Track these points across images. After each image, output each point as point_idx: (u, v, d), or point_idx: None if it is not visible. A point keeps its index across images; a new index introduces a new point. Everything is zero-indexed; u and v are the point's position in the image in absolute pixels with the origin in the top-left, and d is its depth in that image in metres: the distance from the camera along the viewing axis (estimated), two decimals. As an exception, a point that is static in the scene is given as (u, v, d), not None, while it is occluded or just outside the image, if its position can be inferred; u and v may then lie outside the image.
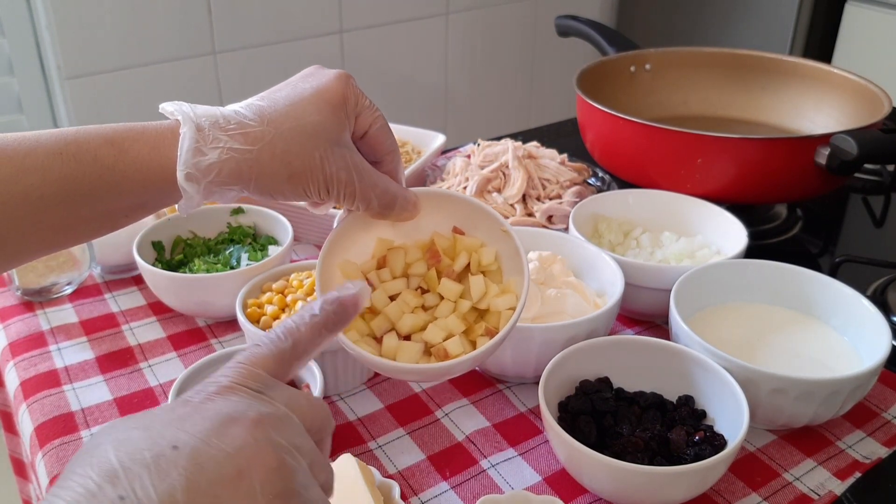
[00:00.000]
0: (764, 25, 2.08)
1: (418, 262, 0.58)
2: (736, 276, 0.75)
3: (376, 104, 0.55)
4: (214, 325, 0.81)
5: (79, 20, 1.53)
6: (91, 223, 0.48)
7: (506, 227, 0.57)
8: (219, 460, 0.33)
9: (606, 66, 1.12)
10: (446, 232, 0.60)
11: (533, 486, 0.61)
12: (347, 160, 0.50)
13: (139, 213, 0.50)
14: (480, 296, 0.57)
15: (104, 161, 0.46)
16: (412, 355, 0.54)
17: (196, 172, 0.47)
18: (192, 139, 0.47)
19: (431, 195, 0.59)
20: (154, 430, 0.34)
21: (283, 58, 1.83)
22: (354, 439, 0.66)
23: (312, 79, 0.52)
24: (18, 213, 0.45)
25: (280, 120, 0.48)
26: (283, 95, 0.50)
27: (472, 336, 0.56)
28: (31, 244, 0.47)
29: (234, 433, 0.34)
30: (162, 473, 0.32)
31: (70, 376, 0.74)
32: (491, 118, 2.28)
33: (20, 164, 0.45)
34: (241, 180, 0.48)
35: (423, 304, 0.57)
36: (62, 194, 0.45)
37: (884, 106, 0.93)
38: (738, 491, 0.61)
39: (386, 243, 0.59)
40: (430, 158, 1.03)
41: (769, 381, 0.61)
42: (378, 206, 0.53)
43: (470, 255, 0.58)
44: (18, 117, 1.62)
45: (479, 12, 2.11)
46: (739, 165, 0.87)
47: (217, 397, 0.36)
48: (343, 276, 0.58)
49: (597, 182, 1.01)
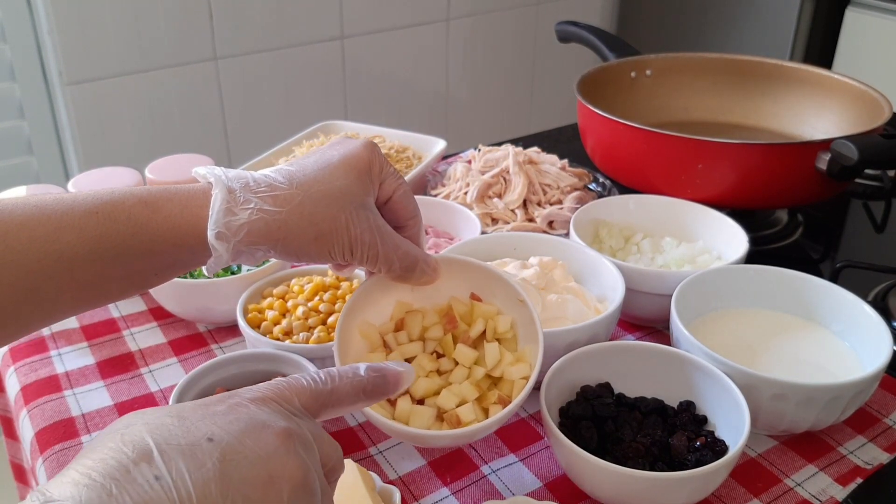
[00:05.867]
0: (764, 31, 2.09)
1: (435, 326, 0.60)
2: (737, 281, 0.75)
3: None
4: (215, 330, 0.81)
5: (80, 26, 1.54)
6: (122, 282, 0.50)
7: (522, 296, 0.59)
8: (251, 461, 0.35)
9: (607, 71, 1.12)
10: (464, 298, 0.61)
11: (534, 492, 0.61)
12: (371, 223, 0.52)
13: (169, 273, 0.51)
14: (495, 363, 0.58)
15: (137, 220, 0.48)
16: (425, 420, 0.55)
17: (226, 231, 0.48)
18: (223, 200, 0.48)
19: (451, 262, 0.60)
20: (188, 422, 0.35)
21: (284, 63, 1.83)
22: (355, 445, 0.66)
23: (340, 146, 0.54)
24: (54, 271, 0.46)
25: (308, 183, 0.50)
26: (311, 161, 0.53)
27: (485, 403, 0.57)
28: (65, 301, 0.48)
29: (266, 439, 0.36)
30: (197, 462, 0.33)
31: (71, 381, 0.74)
32: (492, 124, 2.28)
33: (58, 223, 0.46)
34: (269, 240, 0.49)
35: (438, 368, 0.59)
36: (96, 252, 0.47)
37: (884, 111, 0.93)
38: (740, 497, 0.61)
39: (404, 306, 0.61)
40: (430, 164, 1.03)
41: (770, 387, 0.61)
42: (399, 268, 0.55)
43: (486, 322, 0.60)
44: (20, 123, 1.62)
45: (479, 18, 2.12)
46: (740, 171, 0.87)
47: (251, 404, 0.37)
48: (361, 337, 0.60)
49: (597, 187, 1.01)
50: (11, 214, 0.45)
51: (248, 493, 0.34)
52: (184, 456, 0.33)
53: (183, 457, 0.33)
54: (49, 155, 1.67)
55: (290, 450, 0.36)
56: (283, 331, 0.70)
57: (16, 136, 1.63)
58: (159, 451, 0.33)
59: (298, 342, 0.69)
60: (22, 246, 0.45)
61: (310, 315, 0.71)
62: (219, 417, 0.36)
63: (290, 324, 0.71)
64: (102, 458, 0.32)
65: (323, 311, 0.72)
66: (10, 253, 0.44)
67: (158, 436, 0.34)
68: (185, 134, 1.76)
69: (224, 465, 0.34)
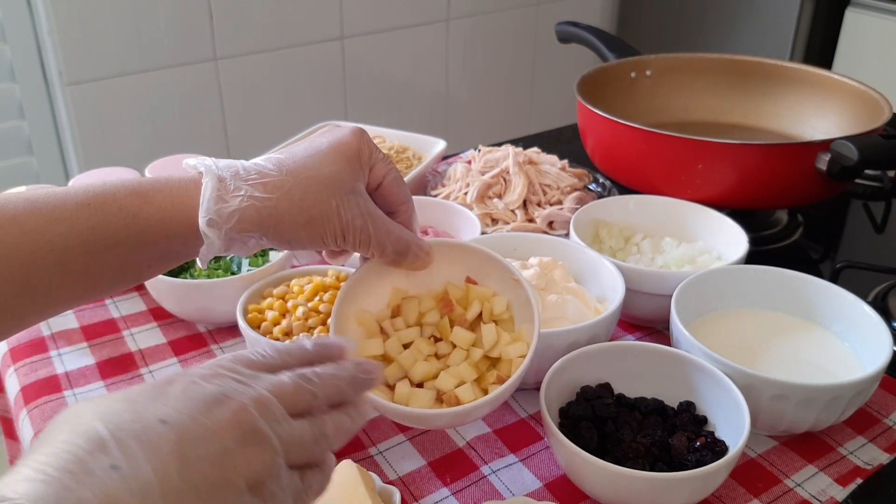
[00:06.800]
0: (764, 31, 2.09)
1: (432, 311, 0.60)
2: (737, 281, 0.75)
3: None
4: (215, 330, 0.81)
5: (80, 26, 1.54)
6: (115, 273, 0.50)
7: (517, 276, 0.59)
8: (206, 438, 0.34)
9: (607, 72, 1.12)
10: (459, 282, 0.61)
11: (534, 493, 0.61)
12: (362, 208, 0.52)
13: (161, 265, 0.52)
14: (492, 344, 0.58)
15: (129, 211, 0.48)
16: (424, 402, 0.55)
17: (217, 219, 0.48)
18: (213, 188, 0.49)
19: (445, 245, 0.61)
20: (138, 405, 0.34)
21: (284, 64, 1.83)
22: (355, 445, 0.66)
23: (329, 134, 0.55)
24: (47, 263, 0.46)
25: (298, 170, 0.51)
26: (300, 149, 0.53)
27: (484, 384, 0.57)
28: (58, 294, 0.48)
29: (218, 413, 0.35)
30: (154, 447, 0.32)
31: (71, 382, 0.74)
32: (491, 124, 2.28)
33: (49, 216, 0.46)
34: (260, 227, 0.50)
35: (436, 352, 0.59)
36: (89, 244, 0.47)
37: (884, 111, 0.93)
38: (740, 497, 0.61)
39: (400, 293, 0.61)
40: (430, 164, 1.03)
41: (770, 387, 0.61)
42: (392, 252, 0.55)
43: (482, 305, 0.60)
44: (20, 123, 1.62)
45: (479, 18, 2.12)
46: (740, 171, 0.87)
47: (202, 381, 0.37)
48: (358, 325, 0.60)
49: (597, 188, 1.01)
50: (3, 208, 0.45)
51: (207, 472, 0.33)
52: (139, 441, 0.32)
53: (138, 442, 0.32)
54: (49, 155, 1.67)
55: (243, 419, 0.35)
56: (283, 331, 0.70)
57: (16, 136, 1.63)
58: (114, 439, 0.32)
59: (298, 342, 0.69)
60: (14, 239, 0.45)
61: (310, 315, 0.71)
62: (170, 398, 0.35)
63: (289, 324, 0.71)
64: (54, 452, 0.31)
65: (323, 311, 0.72)
66: (2, 246, 0.44)
67: (110, 422, 0.32)
68: (185, 134, 1.76)
69: (181, 445, 0.33)
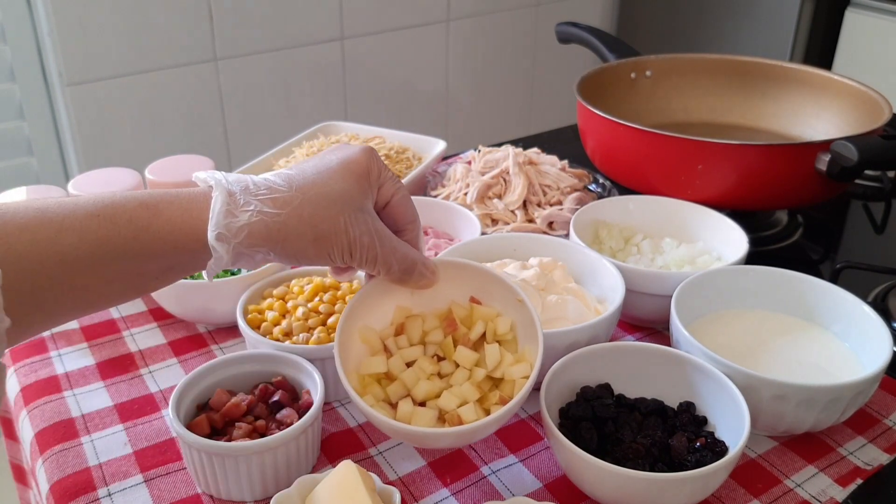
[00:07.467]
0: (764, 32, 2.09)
1: (435, 329, 0.60)
2: (737, 282, 0.75)
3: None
4: (215, 331, 0.81)
5: (80, 27, 1.54)
6: (123, 284, 0.50)
7: (521, 296, 0.59)
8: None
9: (607, 72, 1.12)
10: (463, 301, 0.61)
11: (534, 493, 0.61)
12: (370, 225, 0.53)
13: (169, 277, 0.52)
14: (495, 364, 0.58)
15: (138, 223, 0.48)
16: (426, 421, 0.56)
17: (226, 233, 0.49)
18: (223, 202, 0.49)
19: (450, 265, 0.61)
20: None
21: (284, 64, 1.83)
22: (355, 445, 0.66)
23: (339, 151, 0.55)
24: (56, 273, 0.46)
25: (307, 187, 0.51)
26: (310, 165, 0.54)
27: (486, 404, 0.58)
28: (65, 304, 0.48)
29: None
30: None
31: (70, 382, 0.74)
32: (491, 124, 2.28)
33: (59, 226, 0.46)
34: (269, 242, 0.50)
35: (439, 371, 0.59)
36: (97, 255, 0.47)
37: (884, 112, 0.93)
38: (740, 497, 0.61)
39: (404, 311, 0.61)
40: (430, 164, 1.03)
41: (770, 388, 0.61)
42: (398, 270, 0.56)
43: (486, 325, 0.60)
44: (20, 124, 1.62)
45: (479, 19, 2.12)
46: (740, 172, 0.87)
47: None
48: (362, 342, 0.60)
49: (597, 188, 1.01)
50: (13, 217, 0.45)
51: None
52: None
53: None
54: (49, 156, 1.67)
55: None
56: (283, 331, 0.70)
57: (16, 136, 1.63)
58: None
59: (298, 343, 0.69)
60: (24, 248, 0.45)
61: (310, 316, 0.71)
62: None
63: (290, 325, 0.71)
64: None
65: (323, 311, 0.72)
66: (12, 255, 0.44)
67: None
68: (185, 135, 1.76)
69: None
